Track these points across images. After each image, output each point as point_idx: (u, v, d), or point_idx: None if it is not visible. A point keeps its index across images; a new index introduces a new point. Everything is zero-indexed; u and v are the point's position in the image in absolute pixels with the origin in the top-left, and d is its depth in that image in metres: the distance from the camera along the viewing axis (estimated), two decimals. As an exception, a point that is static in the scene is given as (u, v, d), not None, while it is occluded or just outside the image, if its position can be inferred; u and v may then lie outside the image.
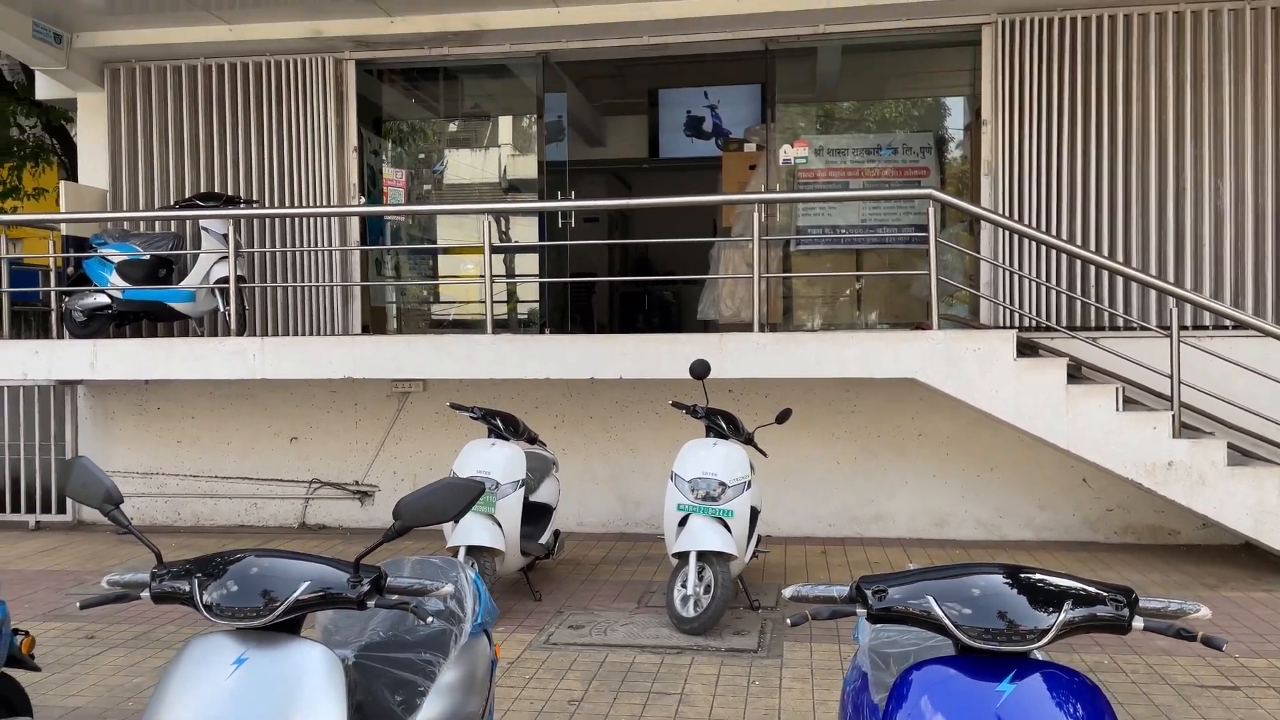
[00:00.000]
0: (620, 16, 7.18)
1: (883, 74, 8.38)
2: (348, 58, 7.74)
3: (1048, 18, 6.83)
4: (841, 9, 6.94)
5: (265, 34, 7.44)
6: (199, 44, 7.55)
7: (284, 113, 7.72)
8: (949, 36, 7.29)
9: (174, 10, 7.11)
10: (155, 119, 7.82)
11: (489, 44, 7.64)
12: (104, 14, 7.20)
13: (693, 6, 7.09)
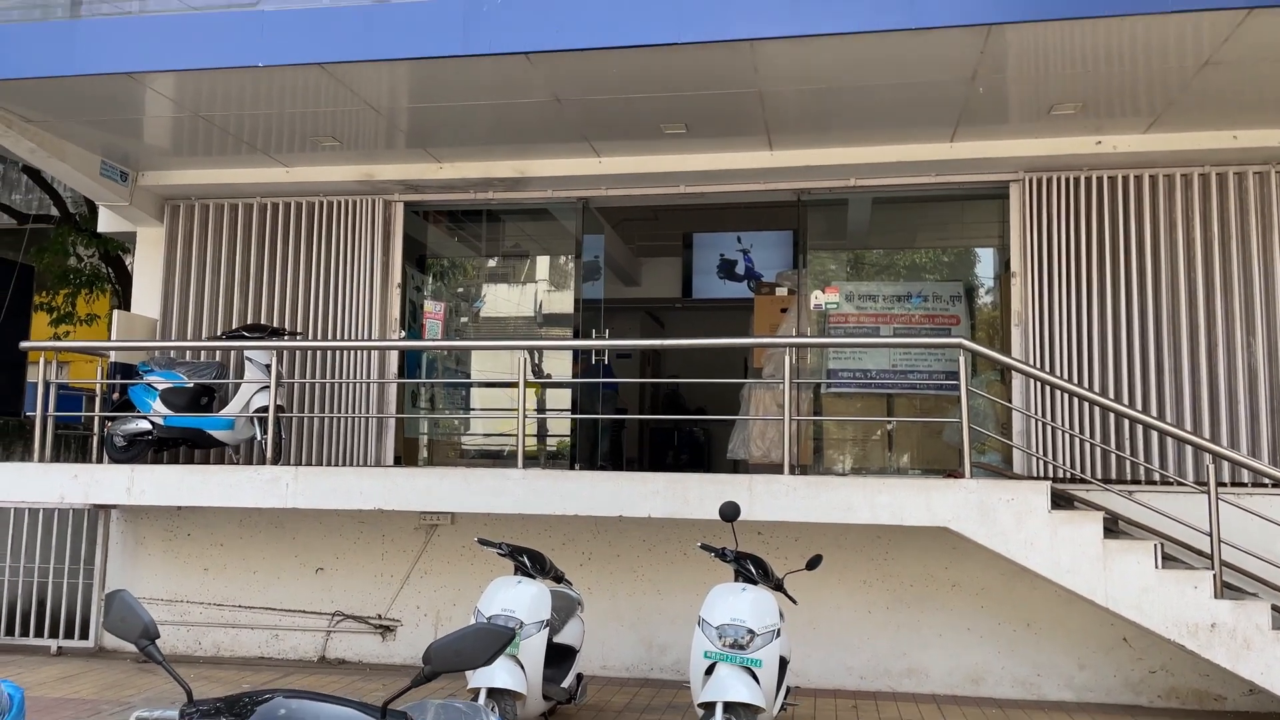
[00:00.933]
0: (658, 167, 7.48)
1: (912, 224, 8.60)
2: (397, 199, 8.08)
3: (1074, 176, 7.04)
4: (872, 164, 7.19)
5: (320, 176, 7.82)
6: (256, 184, 7.93)
7: (333, 249, 8.02)
8: (977, 191, 7.50)
9: (235, 153, 7.50)
10: (210, 252, 8.15)
11: (532, 190, 7.96)
12: (169, 155, 7.61)
13: (728, 159, 7.38)
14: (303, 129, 7.08)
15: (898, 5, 5.34)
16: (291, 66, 6.05)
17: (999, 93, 6.19)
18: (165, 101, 6.58)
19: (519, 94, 6.39)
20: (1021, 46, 5.58)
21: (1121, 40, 5.45)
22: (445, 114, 6.80)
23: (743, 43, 5.63)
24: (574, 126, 6.92)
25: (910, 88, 6.14)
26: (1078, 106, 6.30)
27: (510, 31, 5.77)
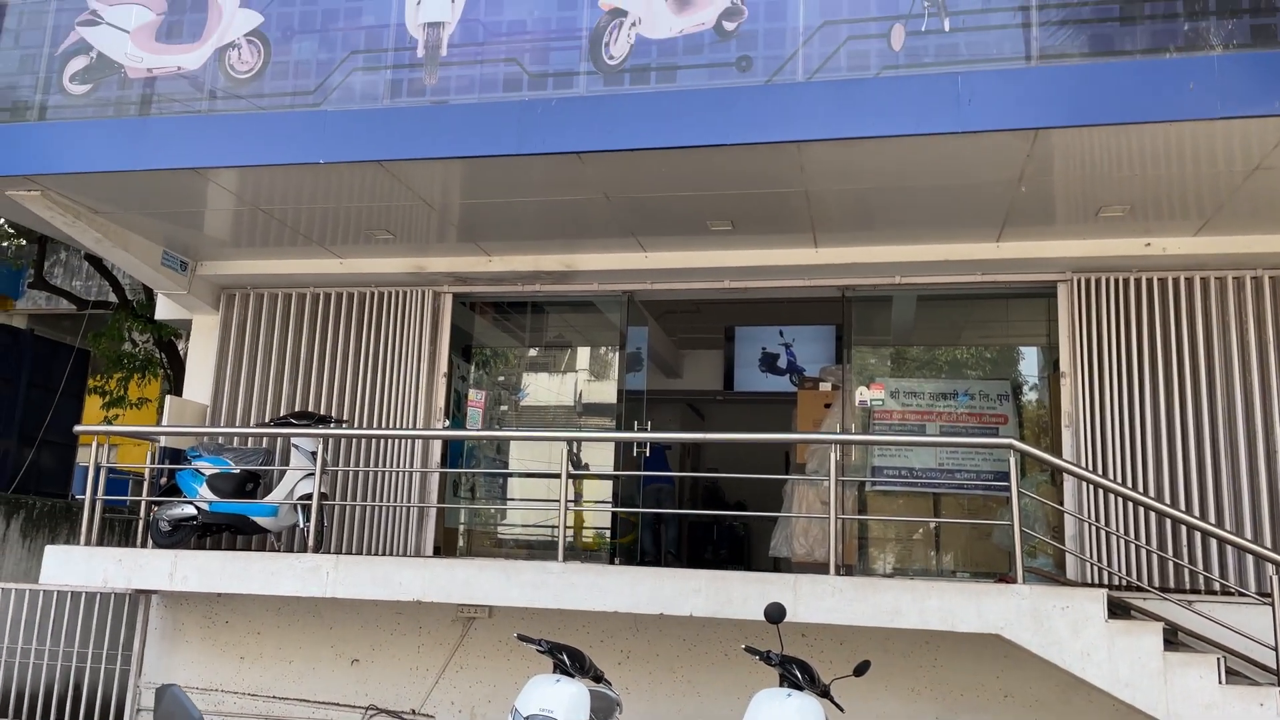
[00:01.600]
0: (703, 262, 7.56)
1: (958, 321, 8.57)
2: (446, 290, 8.22)
3: (1123, 277, 6.99)
4: (916, 263, 7.21)
5: (372, 268, 7.99)
6: (311, 274, 8.11)
7: (382, 339, 8.13)
8: (1024, 290, 7.47)
9: (292, 244, 7.70)
10: (262, 340, 8.30)
11: (578, 283, 8.05)
12: (228, 245, 7.84)
13: (772, 256, 7.44)
14: (358, 222, 7.26)
15: (944, 109, 5.41)
16: (350, 164, 6.24)
17: (1046, 194, 6.22)
18: (227, 195, 6.80)
19: (569, 191, 6.53)
20: (1068, 150, 5.62)
21: (1169, 145, 5.47)
22: (496, 209, 6.95)
23: (789, 144, 5.72)
24: (621, 222, 7.03)
25: (956, 189, 6.19)
26: (1126, 209, 6.30)
27: (562, 132, 5.93)
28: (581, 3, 6.14)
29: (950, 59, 5.54)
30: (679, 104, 5.83)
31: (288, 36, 6.43)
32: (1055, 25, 5.47)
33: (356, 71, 6.31)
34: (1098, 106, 5.22)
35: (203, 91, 6.49)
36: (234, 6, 6.53)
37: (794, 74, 5.79)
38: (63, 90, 6.66)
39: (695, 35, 5.96)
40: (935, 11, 5.61)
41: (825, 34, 5.77)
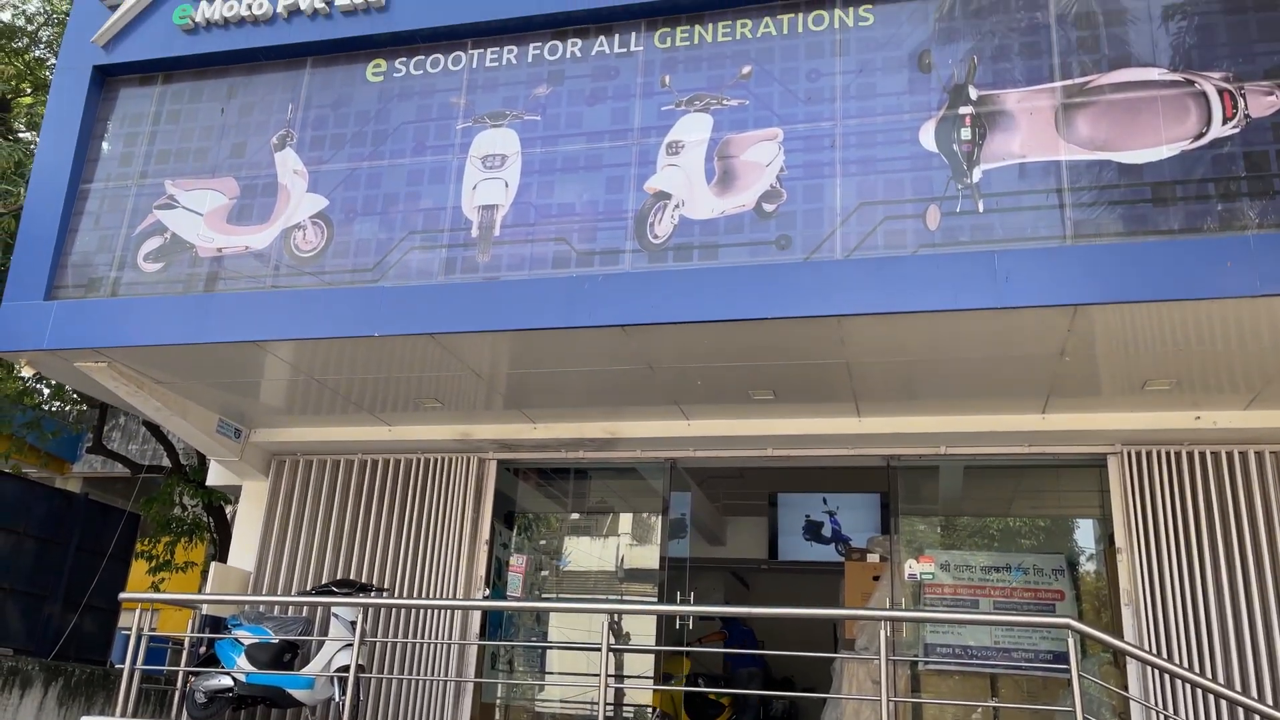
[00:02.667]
0: (746, 430, 7.59)
1: (1007, 492, 8.43)
2: (491, 457, 8.30)
3: (1174, 450, 6.88)
4: (962, 433, 7.17)
5: (419, 435, 8.12)
6: (359, 441, 8.26)
7: (426, 506, 8.18)
8: (1073, 461, 7.37)
9: (343, 412, 7.89)
10: (309, 507, 8.38)
11: (621, 450, 8.10)
12: (281, 413, 8.04)
13: (815, 424, 7.45)
14: (408, 391, 7.44)
15: (982, 286, 5.50)
16: (404, 336, 6.46)
17: (1090, 367, 6.22)
18: (284, 366, 7.04)
19: (613, 361, 6.67)
20: (1108, 325, 5.66)
21: (1211, 321, 5.49)
22: (542, 378, 7.10)
23: (829, 319, 5.83)
24: (664, 391, 7.13)
25: (998, 361, 6.22)
26: (1172, 383, 6.27)
27: (608, 306, 6.10)
28: (628, 186, 6.43)
29: (986, 238, 5.68)
30: (721, 280, 5.99)
31: (350, 218, 6.79)
32: (1088, 205, 5.60)
33: (413, 250, 6.61)
34: (1135, 284, 5.28)
35: (267, 268, 6.82)
36: (302, 191, 6.93)
37: (832, 251, 5.95)
38: (136, 267, 7.04)
39: (736, 216, 6.19)
40: (969, 194, 5.79)
41: (862, 214, 5.97)
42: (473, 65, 6.98)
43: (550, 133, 6.68)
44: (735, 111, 6.39)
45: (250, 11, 7.25)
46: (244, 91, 7.35)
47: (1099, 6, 5.97)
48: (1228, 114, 5.52)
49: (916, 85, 6.10)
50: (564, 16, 6.82)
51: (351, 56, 7.19)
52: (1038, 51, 5.97)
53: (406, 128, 6.92)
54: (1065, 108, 5.80)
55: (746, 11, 6.56)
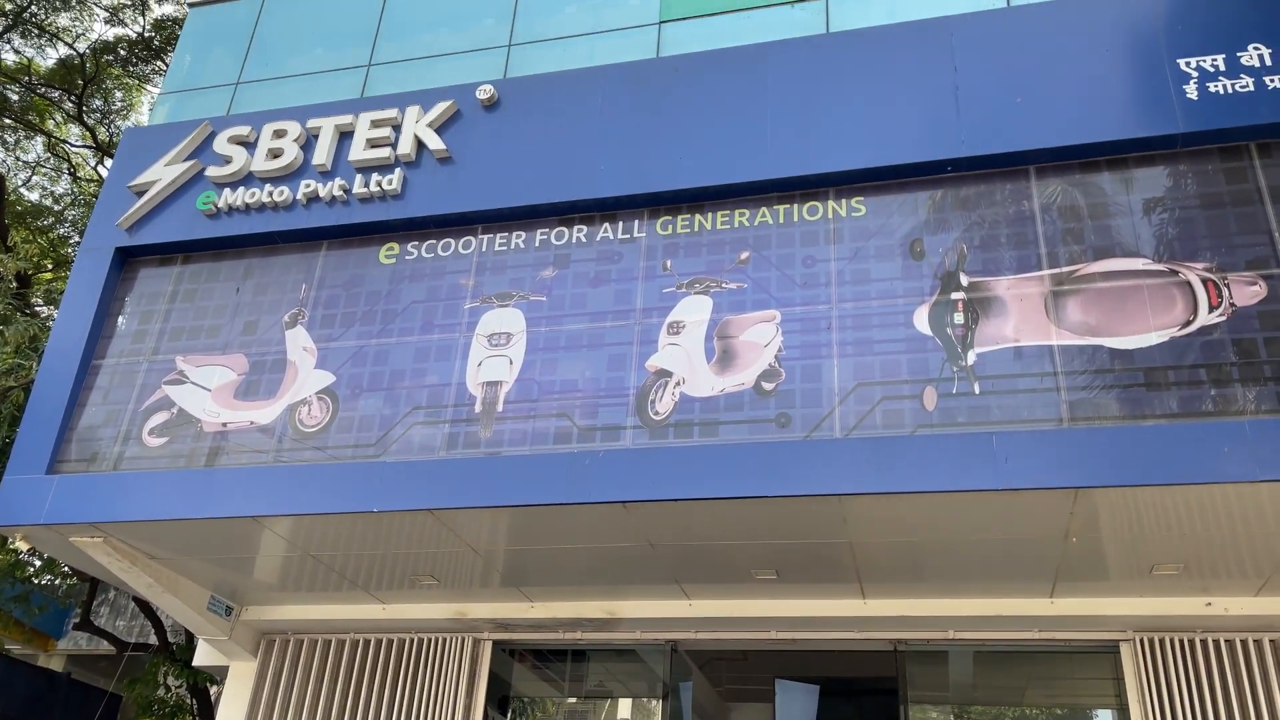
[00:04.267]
0: (749, 612, 7.42)
1: (1021, 681, 8.14)
2: (486, 637, 8.08)
3: (1187, 638, 6.70)
4: (970, 617, 7.01)
5: (414, 613, 7.94)
6: (352, 620, 8.07)
7: (417, 689, 7.89)
8: (1085, 647, 7.16)
9: (338, 589, 7.74)
10: (295, 689, 8.09)
11: (620, 630, 7.90)
12: (274, 590, 7.89)
13: (820, 606, 7.29)
14: (404, 568, 7.33)
15: (982, 467, 5.52)
16: (403, 512, 6.42)
17: (1096, 551, 6.15)
18: (281, 542, 6.96)
19: (614, 539, 6.60)
20: (1112, 508, 5.63)
21: (1215, 505, 5.47)
22: (541, 556, 7.01)
23: (830, 498, 5.81)
24: (665, 569, 7.02)
25: (1003, 543, 6.16)
26: (1180, 567, 6.18)
27: (609, 483, 6.10)
28: (629, 364, 6.55)
29: (984, 420, 5.74)
30: (721, 457, 6.02)
31: (356, 394, 6.89)
32: (1083, 389, 5.69)
33: (416, 426, 6.67)
34: (1135, 467, 5.30)
35: (270, 443, 6.86)
36: (310, 367, 7.07)
37: (831, 430, 6.00)
38: (140, 442, 7.08)
39: (736, 394, 6.28)
40: (965, 376, 5.90)
41: (860, 394, 6.05)
42: (482, 249, 7.25)
43: (555, 312, 6.87)
44: (734, 294, 6.59)
45: (272, 199, 7.60)
46: (260, 272, 7.61)
47: (1083, 199, 6.26)
48: (1213, 302, 5.69)
49: (909, 271, 6.32)
50: (570, 205, 7.14)
51: (366, 240, 7.49)
52: (1025, 241, 6.21)
53: (416, 307, 7.13)
54: (1054, 294, 5.99)
55: (744, 202, 6.88)
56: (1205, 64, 6.24)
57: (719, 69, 7.28)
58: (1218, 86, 6.16)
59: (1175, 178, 6.18)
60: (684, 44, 7.78)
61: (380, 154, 7.56)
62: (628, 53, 7.87)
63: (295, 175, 7.71)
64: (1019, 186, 6.39)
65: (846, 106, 6.84)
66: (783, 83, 7.06)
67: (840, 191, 6.73)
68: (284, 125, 7.90)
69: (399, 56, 8.46)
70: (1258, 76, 6.12)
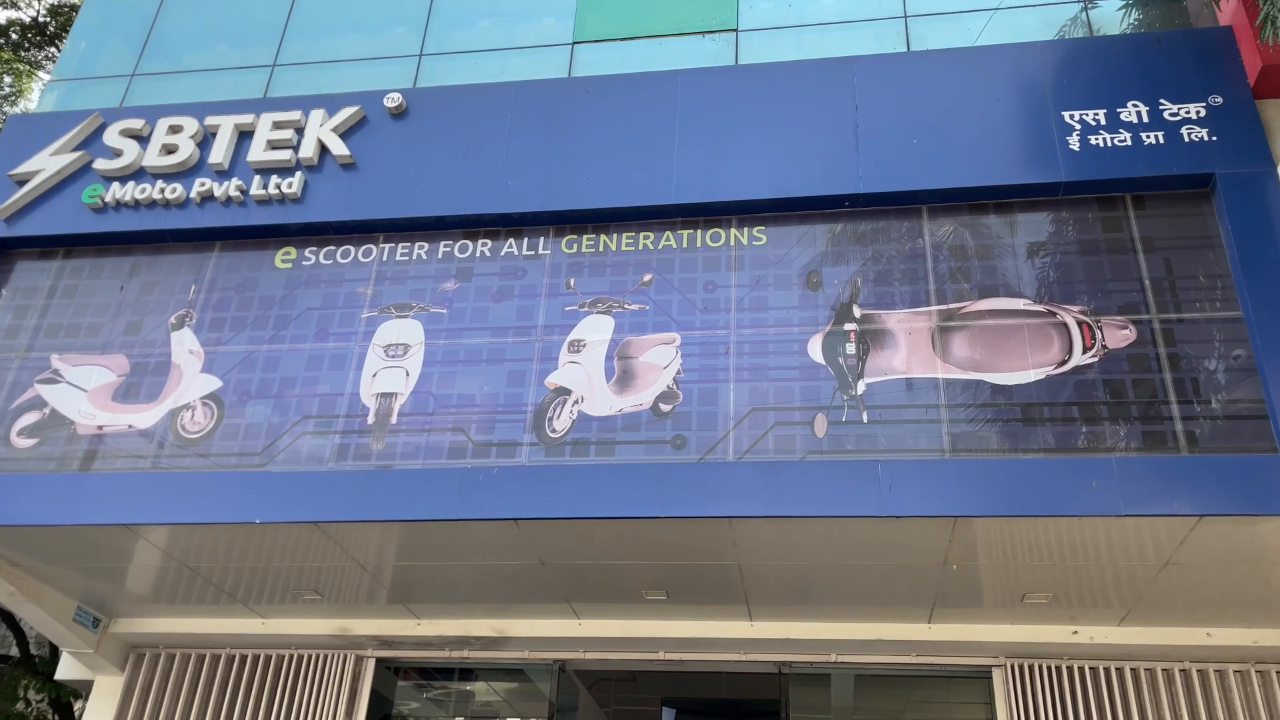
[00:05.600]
0: (639, 632, 7.43)
1: (900, 704, 8.34)
2: (369, 655, 7.89)
3: (1056, 664, 6.98)
4: (852, 640, 7.17)
5: (295, 629, 7.70)
6: (229, 634, 7.78)
7: (295, 706, 7.66)
8: (960, 672, 7.39)
9: (214, 603, 7.47)
10: (165, 706, 7.75)
11: (509, 650, 7.82)
12: (146, 602, 7.57)
13: (708, 628, 7.36)
14: (286, 582, 7.12)
15: (867, 494, 5.68)
16: (288, 524, 6.25)
17: (973, 578, 6.36)
18: (156, 552, 6.69)
19: (505, 556, 6.55)
20: (989, 537, 5.85)
21: (1083, 538, 5.73)
22: (430, 572, 6.90)
23: (721, 520, 5.89)
24: (556, 588, 6.99)
25: (885, 568, 6.33)
26: (1049, 596, 6.45)
27: (502, 499, 6.06)
28: (529, 381, 6.54)
29: (870, 448, 5.91)
30: (616, 477, 6.04)
31: (243, 401, 6.69)
32: (965, 422, 5.91)
33: (305, 435, 6.51)
34: (1010, 499, 5.52)
35: (149, 449, 6.60)
36: (195, 371, 6.84)
37: (725, 453, 6.09)
38: (8, 443, 6.73)
39: (634, 414, 6.32)
40: (854, 405, 6.06)
41: (754, 419, 6.16)
42: (383, 258, 7.14)
43: (455, 325, 6.81)
44: (636, 315, 6.65)
45: (163, 195, 7.35)
46: (147, 270, 7.34)
47: (971, 239, 6.52)
48: (1087, 344, 5.99)
49: (806, 301, 6.48)
50: (475, 219, 7.10)
51: (262, 243, 7.30)
52: (916, 277, 6.43)
53: (311, 314, 6.97)
54: (941, 330, 6.22)
55: (649, 225, 6.95)
56: (1088, 118, 6.59)
57: (630, 93, 7.36)
58: (1098, 139, 6.51)
59: (1057, 224, 6.49)
60: (596, 66, 7.84)
61: (281, 156, 7.40)
62: (540, 71, 7.90)
63: (189, 173, 7.48)
64: (912, 224, 6.63)
65: (752, 137, 6.99)
66: (691, 110, 7.18)
67: (743, 220, 6.86)
68: (180, 121, 7.66)
69: (305, 58, 8.30)
70: (1135, 132, 6.48)
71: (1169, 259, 6.20)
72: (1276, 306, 5.75)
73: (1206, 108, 6.47)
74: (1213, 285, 6.06)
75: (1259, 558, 5.77)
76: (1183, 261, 6.18)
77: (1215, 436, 5.62)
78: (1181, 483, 5.41)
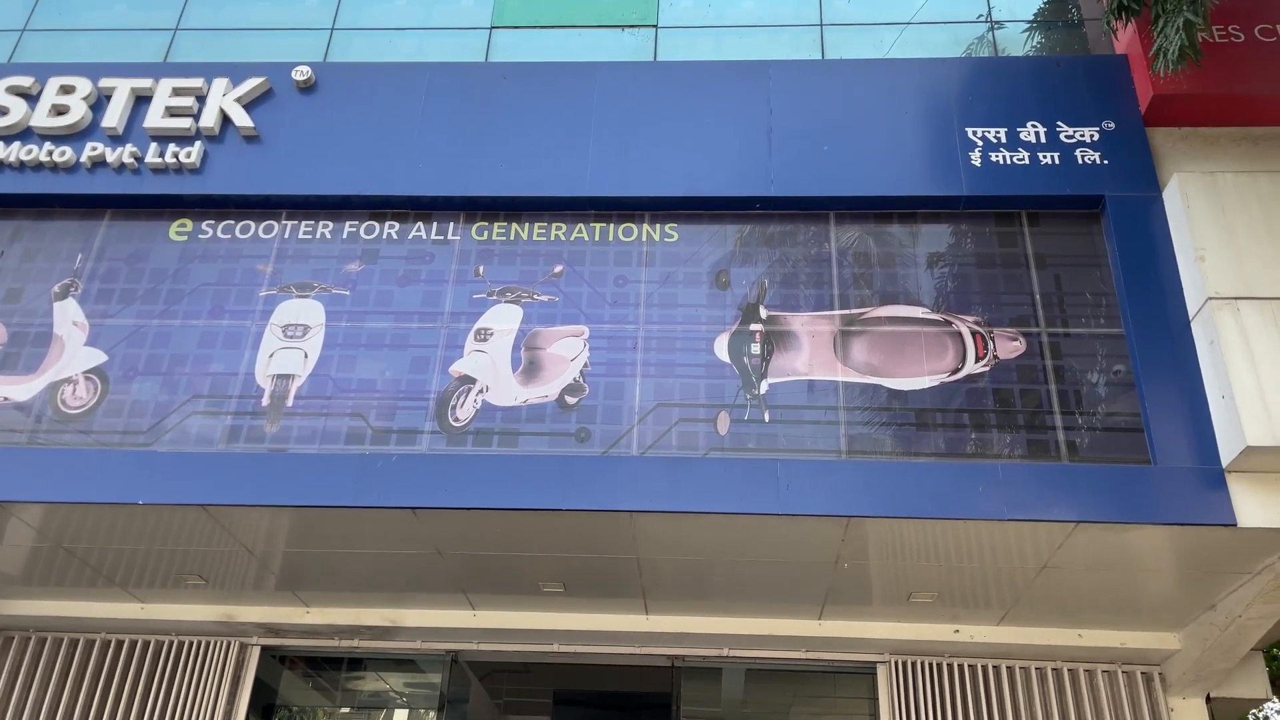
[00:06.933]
0: (532, 624, 7.41)
1: (788, 698, 8.51)
2: (255, 643, 7.68)
3: (937, 662, 7.22)
4: (745, 635, 7.29)
5: (176, 614, 7.43)
6: (105, 619, 7.46)
7: (174, 694, 7.40)
8: (847, 668, 7.58)
9: (91, 585, 7.15)
10: (34, 690, 7.40)
11: (401, 639, 7.70)
12: (16, 584, 7.20)
13: (603, 620, 7.38)
14: (169, 566, 6.86)
15: (765, 492, 5.78)
16: (173, 506, 6.02)
17: (863, 577, 6.53)
18: (29, 531, 6.37)
19: (401, 545, 6.44)
20: (879, 537, 6.01)
21: (968, 540, 5.94)
22: (322, 559, 6.74)
23: (622, 514, 5.91)
24: (452, 578, 6.91)
25: (780, 566, 6.45)
26: (934, 595, 6.67)
27: (401, 488, 5.96)
28: (432, 368, 6.44)
29: (771, 447, 6.02)
30: (518, 468, 6.01)
31: (129, 376, 6.42)
32: (862, 424, 6.07)
33: (195, 415, 6.29)
34: (901, 500, 5.69)
35: (25, 422, 6.28)
36: (79, 344, 6.53)
37: (629, 448, 6.12)
38: None
39: (539, 405, 6.29)
40: (757, 404, 6.16)
41: (658, 414, 6.20)
42: (284, 235, 6.94)
43: (358, 308, 6.66)
44: (545, 306, 6.61)
45: (51, 158, 7.00)
46: (30, 235, 6.98)
47: (874, 247, 6.68)
48: (979, 353, 6.21)
49: (714, 300, 6.55)
50: (383, 200, 6.96)
51: (156, 213, 7.01)
52: (821, 281, 6.57)
53: (206, 289, 6.73)
54: (843, 334, 6.36)
55: (562, 216, 6.92)
56: (989, 135, 6.82)
57: (547, 82, 7.31)
58: (998, 157, 6.74)
59: (957, 236, 6.70)
60: (513, 52, 7.77)
61: (180, 124, 7.12)
62: (456, 53, 7.78)
63: (81, 136, 7.14)
64: (820, 229, 6.76)
65: (667, 134, 7.02)
66: (608, 103, 7.17)
67: (655, 216, 6.89)
68: (73, 81, 7.30)
69: (210, 24, 8.01)
70: (1033, 151, 6.74)
71: (1059, 275, 6.47)
72: (1155, 325, 6.06)
73: (1100, 132, 6.77)
74: (1098, 302, 6.35)
75: (1129, 564, 6.08)
76: (1071, 278, 6.45)
77: (1094, 447, 5.90)
78: (1061, 490, 5.66)
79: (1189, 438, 5.72)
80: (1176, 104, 6.64)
